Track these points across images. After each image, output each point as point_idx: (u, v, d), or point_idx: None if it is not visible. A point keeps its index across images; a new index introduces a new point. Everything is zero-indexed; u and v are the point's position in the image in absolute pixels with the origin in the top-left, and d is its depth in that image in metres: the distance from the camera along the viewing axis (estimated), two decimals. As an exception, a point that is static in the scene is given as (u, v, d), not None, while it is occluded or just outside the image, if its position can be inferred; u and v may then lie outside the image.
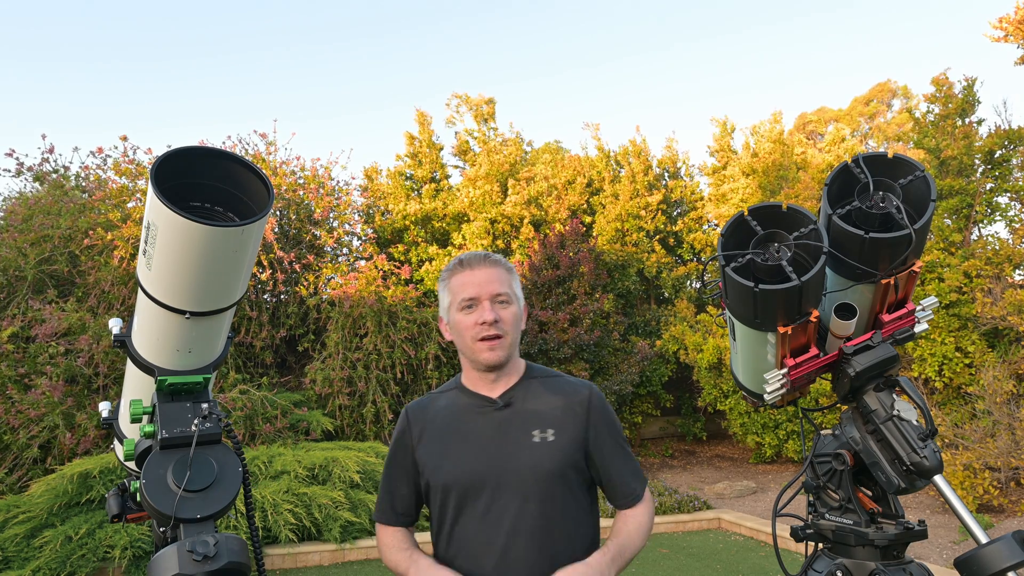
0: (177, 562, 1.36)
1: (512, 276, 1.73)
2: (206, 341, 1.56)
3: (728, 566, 5.88)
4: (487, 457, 1.63)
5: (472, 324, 1.64)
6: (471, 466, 1.63)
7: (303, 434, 8.03)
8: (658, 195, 13.08)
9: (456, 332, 1.69)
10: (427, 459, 1.69)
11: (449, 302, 1.70)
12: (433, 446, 1.69)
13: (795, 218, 1.60)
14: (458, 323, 1.67)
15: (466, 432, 1.67)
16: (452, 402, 1.74)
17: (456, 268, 1.71)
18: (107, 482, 5.82)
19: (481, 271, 1.67)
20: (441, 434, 1.70)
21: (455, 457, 1.65)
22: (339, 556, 6.05)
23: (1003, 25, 8.70)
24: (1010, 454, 6.49)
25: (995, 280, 7.56)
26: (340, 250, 11.16)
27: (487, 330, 1.63)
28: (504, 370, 1.70)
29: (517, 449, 1.63)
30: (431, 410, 1.75)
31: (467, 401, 1.72)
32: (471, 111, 13.68)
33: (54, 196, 9.04)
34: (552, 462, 1.62)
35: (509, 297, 1.68)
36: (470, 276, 1.67)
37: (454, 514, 1.64)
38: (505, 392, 1.70)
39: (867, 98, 23.48)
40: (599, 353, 10.10)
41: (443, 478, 1.65)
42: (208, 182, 1.42)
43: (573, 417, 1.67)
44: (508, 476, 1.61)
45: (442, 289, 1.74)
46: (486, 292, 1.65)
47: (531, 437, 1.64)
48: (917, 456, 1.57)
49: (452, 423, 1.70)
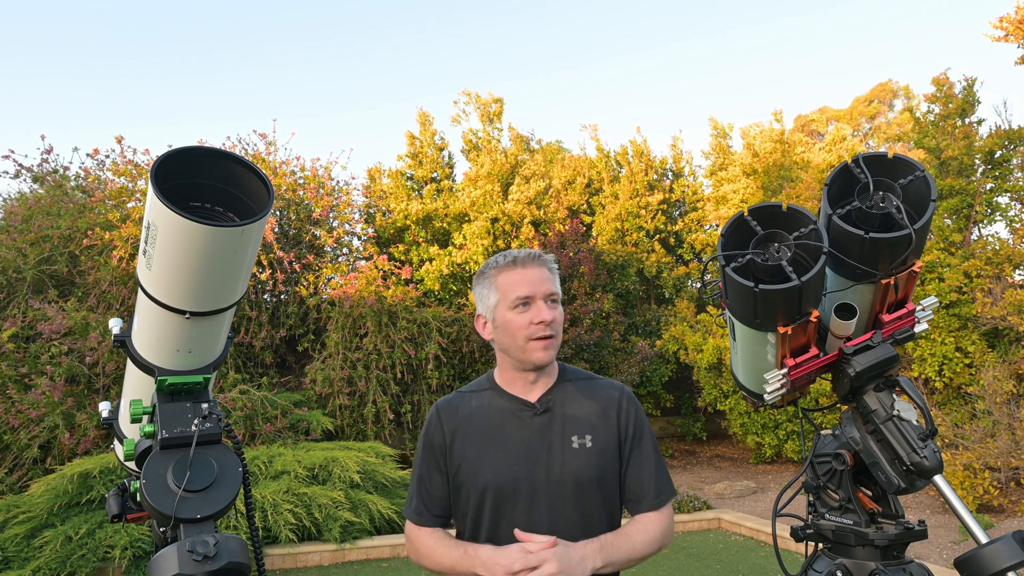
0: (177, 562, 1.36)
1: (557, 276, 1.72)
2: (206, 341, 1.56)
3: (728, 566, 5.88)
4: (527, 462, 1.62)
5: (527, 323, 1.62)
6: (511, 470, 1.62)
7: (303, 434, 8.03)
8: (658, 195, 13.08)
9: (506, 331, 1.65)
10: (463, 460, 1.66)
11: (497, 300, 1.67)
12: (469, 447, 1.66)
13: (795, 218, 1.60)
14: (509, 322, 1.64)
15: (505, 435, 1.66)
16: (488, 403, 1.71)
17: (508, 266, 1.67)
18: (107, 482, 5.83)
19: (534, 270, 1.66)
20: (478, 436, 1.67)
21: (494, 460, 1.64)
22: (339, 556, 6.05)
23: (1003, 25, 8.70)
24: (1010, 454, 6.49)
25: (995, 280, 7.56)
26: (340, 250, 11.17)
27: (543, 330, 1.62)
28: (544, 371, 1.70)
29: (558, 455, 1.63)
30: (464, 409, 1.72)
31: (504, 404, 1.70)
32: (478, 110, 13.64)
33: (53, 196, 9.04)
34: (592, 468, 1.63)
35: (559, 297, 1.68)
36: (523, 275, 1.65)
37: (492, 517, 1.62)
38: (543, 396, 1.69)
39: (868, 98, 23.48)
40: (599, 353, 10.11)
41: (482, 481, 1.63)
42: (208, 182, 1.42)
43: (607, 421, 1.69)
44: (549, 482, 1.61)
45: (485, 286, 1.70)
46: (541, 291, 1.64)
47: (571, 443, 1.64)
48: (917, 456, 1.57)
49: (490, 425, 1.68)
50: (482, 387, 1.77)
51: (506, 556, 1.51)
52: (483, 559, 1.54)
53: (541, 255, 1.70)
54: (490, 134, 13.56)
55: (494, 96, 13.60)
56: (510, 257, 1.69)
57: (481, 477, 1.63)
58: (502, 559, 1.51)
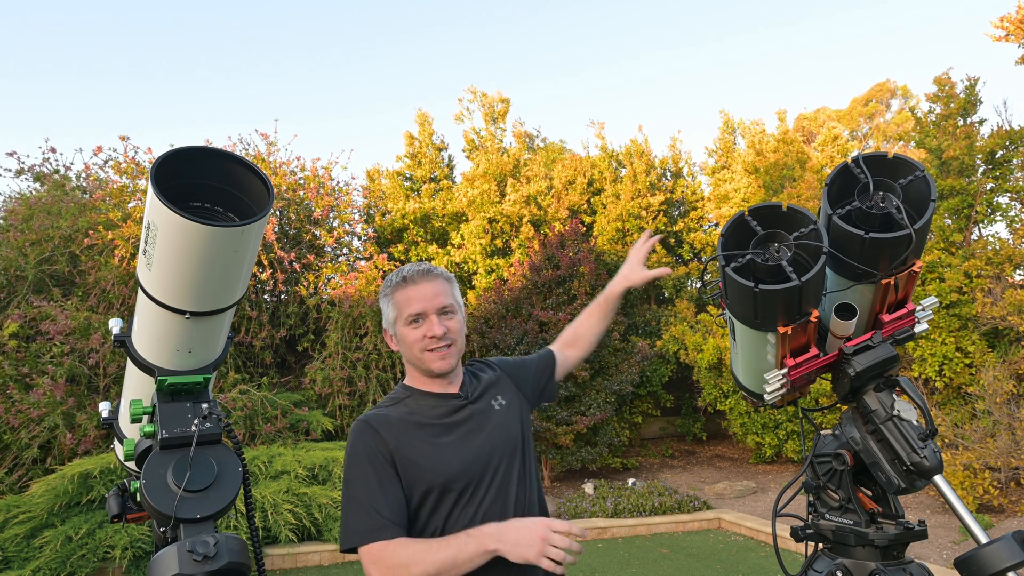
0: (177, 562, 1.36)
1: (453, 286, 1.80)
2: (206, 341, 1.56)
3: (728, 566, 5.88)
4: (481, 443, 1.70)
5: (420, 337, 1.71)
6: (474, 455, 1.67)
7: (303, 434, 8.03)
8: (660, 196, 13.08)
9: (405, 344, 1.75)
10: (420, 461, 1.61)
11: (395, 316, 1.75)
12: (419, 448, 1.63)
13: (795, 218, 1.60)
14: (405, 336, 1.73)
15: (450, 426, 1.70)
16: (416, 407, 1.73)
17: (400, 284, 1.74)
18: (107, 482, 5.83)
19: (425, 285, 1.73)
20: (424, 436, 1.66)
21: (451, 452, 1.65)
22: (339, 556, 6.05)
23: (1004, 24, 8.70)
24: (1010, 454, 6.49)
25: (995, 280, 7.56)
26: (340, 250, 11.17)
27: (436, 343, 1.70)
28: (455, 373, 1.80)
29: (497, 427, 1.76)
30: (393, 418, 1.68)
31: (434, 401, 1.75)
32: (482, 108, 13.59)
33: (54, 196, 9.04)
34: (517, 424, 1.81)
35: (453, 307, 1.76)
36: (415, 291, 1.72)
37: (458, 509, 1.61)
38: (463, 388, 1.80)
39: (866, 98, 23.49)
40: (599, 353, 10.09)
41: (444, 475, 1.62)
42: (208, 182, 1.42)
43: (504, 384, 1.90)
44: (503, 452, 1.72)
45: (386, 304, 1.78)
46: (432, 306, 1.71)
47: (494, 408, 1.80)
48: (917, 456, 1.57)
49: (430, 422, 1.69)
50: (400, 397, 1.77)
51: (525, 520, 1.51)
52: (498, 531, 1.48)
53: (431, 269, 1.76)
54: (493, 133, 13.53)
55: (501, 96, 13.54)
56: (402, 274, 1.76)
57: (445, 470, 1.61)
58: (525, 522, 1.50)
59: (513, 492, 1.69)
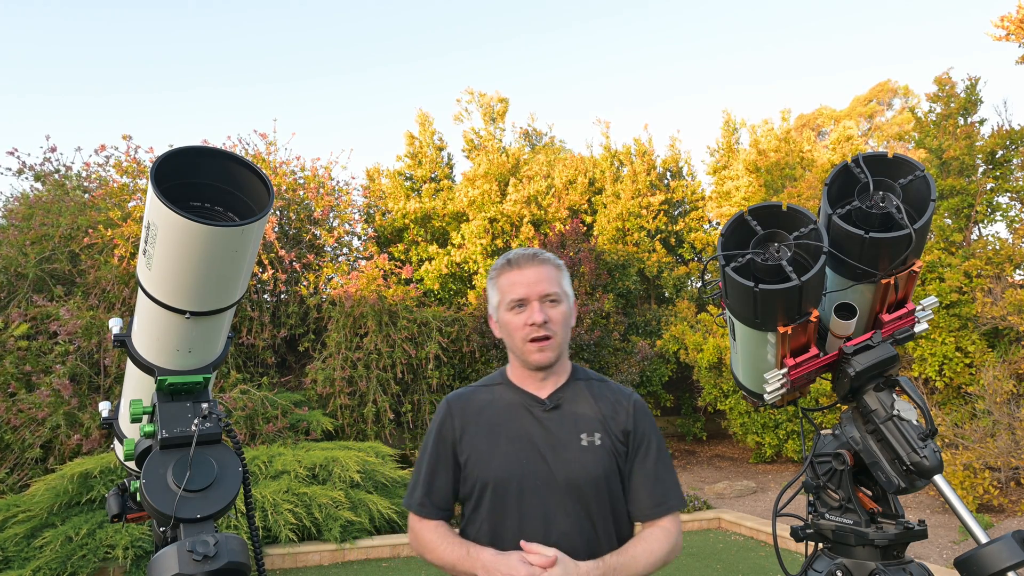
0: (177, 562, 1.36)
1: (562, 273, 1.71)
2: (206, 341, 1.56)
3: (728, 566, 5.88)
4: (536, 457, 1.62)
5: (521, 325, 1.64)
6: (520, 464, 1.62)
7: (303, 434, 8.03)
8: (660, 195, 13.08)
9: (506, 332, 1.69)
10: (472, 453, 1.66)
11: (498, 301, 1.70)
12: (479, 440, 1.66)
13: (795, 218, 1.60)
14: (507, 323, 1.67)
15: (514, 429, 1.66)
16: (499, 397, 1.72)
17: (504, 267, 1.70)
18: (107, 482, 5.83)
19: (530, 270, 1.66)
20: (488, 429, 1.67)
21: (503, 454, 1.64)
22: (339, 556, 6.05)
23: (1004, 24, 8.70)
24: (1010, 454, 6.49)
25: (995, 280, 7.56)
26: (340, 250, 11.17)
27: (536, 331, 1.63)
28: (553, 369, 1.70)
29: (566, 451, 1.62)
30: (474, 403, 1.72)
31: (515, 398, 1.70)
32: (481, 108, 13.59)
33: (55, 195, 9.05)
34: (599, 466, 1.62)
35: (559, 296, 1.67)
36: (519, 275, 1.66)
37: (498, 511, 1.61)
38: (554, 393, 1.69)
39: (867, 98, 23.49)
40: (599, 353, 10.10)
41: (490, 474, 1.63)
42: (208, 182, 1.42)
43: (616, 423, 1.68)
44: (557, 477, 1.61)
45: (491, 288, 1.73)
46: (535, 292, 1.64)
47: (579, 440, 1.64)
48: (917, 456, 1.57)
49: (499, 419, 1.68)
50: (495, 381, 1.78)
51: (506, 563, 1.51)
52: (484, 562, 1.54)
53: (538, 253, 1.69)
54: (492, 133, 13.53)
55: (500, 95, 13.54)
56: (507, 258, 1.71)
57: (491, 469, 1.63)
58: (502, 566, 1.50)
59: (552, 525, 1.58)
